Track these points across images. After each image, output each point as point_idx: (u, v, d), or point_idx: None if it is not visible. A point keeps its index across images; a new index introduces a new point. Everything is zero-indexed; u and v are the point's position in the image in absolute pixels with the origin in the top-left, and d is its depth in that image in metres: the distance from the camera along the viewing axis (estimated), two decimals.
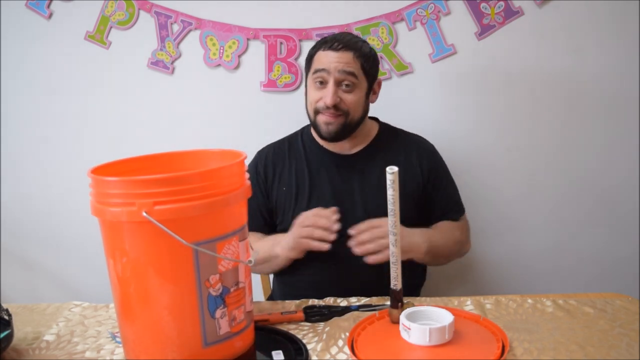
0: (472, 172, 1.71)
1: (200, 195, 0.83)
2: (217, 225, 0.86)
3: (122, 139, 1.78)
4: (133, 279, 0.86)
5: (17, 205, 1.83)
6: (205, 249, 0.84)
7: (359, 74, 1.32)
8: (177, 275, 0.85)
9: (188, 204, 0.82)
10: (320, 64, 1.32)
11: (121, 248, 0.86)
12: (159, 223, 0.80)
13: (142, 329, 0.88)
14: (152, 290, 0.85)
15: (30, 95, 1.77)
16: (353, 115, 1.33)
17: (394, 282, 1.02)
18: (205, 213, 0.84)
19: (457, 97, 1.71)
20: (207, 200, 0.83)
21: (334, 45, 1.31)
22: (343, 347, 0.99)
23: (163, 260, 0.84)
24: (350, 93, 1.32)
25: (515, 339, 1.00)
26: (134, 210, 0.80)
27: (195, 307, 0.85)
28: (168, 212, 0.81)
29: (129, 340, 0.90)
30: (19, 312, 1.16)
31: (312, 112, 1.35)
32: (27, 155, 1.81)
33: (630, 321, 1.06)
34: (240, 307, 0.90)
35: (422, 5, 1.64)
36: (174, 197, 0.81)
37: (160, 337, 0.86)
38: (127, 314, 0.89)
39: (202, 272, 0.85)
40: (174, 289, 0.85)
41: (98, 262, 1.83)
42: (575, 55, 1.66)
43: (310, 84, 1.36)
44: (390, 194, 0.98)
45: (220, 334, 0.88)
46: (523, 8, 1.63)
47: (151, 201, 0.80)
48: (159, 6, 1.68)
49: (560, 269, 1.78)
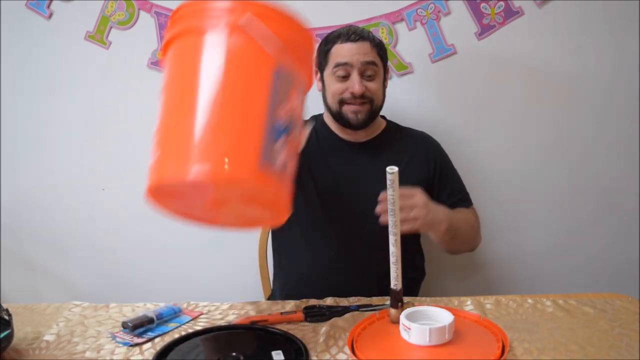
0: (472, 172, 1.71)
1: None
2: (300, 65, 0.93)
3: (122, 139, 1.78)
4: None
5: (17, 205, 1.83)
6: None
7: (378, 62, 1.37)
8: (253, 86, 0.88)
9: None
10: (341, 58, 1.35)
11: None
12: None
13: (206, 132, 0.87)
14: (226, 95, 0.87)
15: (30, 95, 1.77)
16: (377, 102, 1.39)
17: (394, 282, 1.02)
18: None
19: (457, 97, 1.71)
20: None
21: (351, 37, 1.35)
22: (343, 347, 0.99)
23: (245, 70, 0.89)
24: (372, 81, 1.36)
25: (515, 339, 1.00)
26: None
27: (263, 118, 0.86)
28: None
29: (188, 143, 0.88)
30: (19, 312, 1.16)
31: (336, 104, 1.37)
32: (27, 155, 1.81)
33: (630, 321, 1.06)
34: (293, 159, 0.91)
35: (422, 5, 1.64)
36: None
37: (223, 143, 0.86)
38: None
39: (274, 97, 0.87)
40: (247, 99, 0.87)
41: (98, 262, 1.85)
42: (575, 55, 1.66)
43: (331, 78, 1.37)
44: (391, 194, 0.98)
45: (275, 163, 0.87)
46: (523, 8, 1.63)
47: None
48: (159, 6, 1.68)
49: (560, 269, 1.78)
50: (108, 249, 1.84)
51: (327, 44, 1.39)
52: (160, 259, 1.84)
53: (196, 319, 1.13)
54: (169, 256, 1.83)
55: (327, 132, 1.46)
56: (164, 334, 1.07)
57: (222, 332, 1.06)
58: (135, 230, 1.82)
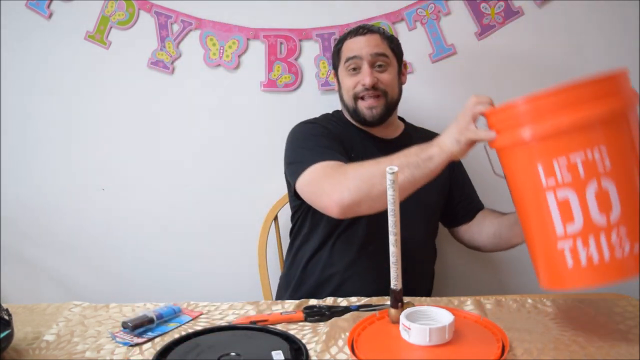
0: (472, 172, 1.71)
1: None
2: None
3: (122, 139, 1.78)
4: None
5: (17, 205, 1.83)
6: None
7: (389, 54, 1.37)
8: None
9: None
10: (350, 52, 1.36)
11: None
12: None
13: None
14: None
15: (30, 95, 1.77)
16: (392, 95, 1.37)
17: (394, 282, 1.02)
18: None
19: (458, 97, 1.70)
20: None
21: (360, 31, 1.37)
22: (343, 347, 0.99)
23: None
24: (384, 72, 1.36)
25: (516, 339, 1.00)
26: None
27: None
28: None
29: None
30: (19, 312, 1.16)
31: (352, 100, 1.37)
32: (27, 155, 1.81)
33: (630, 321, 1.06)
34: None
35: (422, 5, 1.64)
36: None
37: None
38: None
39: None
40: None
41: (98, 262, 1.85)
42: (575, 55, 1.66)
43: (344, 74, 1.38)
44: (391, 194, 0.98)
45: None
46: (523, 8, 1.63)
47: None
48: (159, 6, 1.68)
49: None
50: (108, 249, 1.84)
51: (339, 43, 1.41)
52: (160, 259, 1.84)
53: (196, 319, 1.13)
54: (169, 256, 1.83)
55: (353, 129, 1.42)
56: (164, 334, 1.07)
57: (222, 332, 1.06)
58: (135, 230, 1.82)
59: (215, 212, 1.77)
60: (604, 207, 0.91)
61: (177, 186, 1.79)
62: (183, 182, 1.79)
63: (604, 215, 0.91)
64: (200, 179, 1.78)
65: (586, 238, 0.92)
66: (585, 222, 0.92)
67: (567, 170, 0.91)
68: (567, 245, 0.94)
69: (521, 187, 1.00)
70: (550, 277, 1.00)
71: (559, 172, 0.92)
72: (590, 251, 0.92)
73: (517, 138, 0.95)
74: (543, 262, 1.01)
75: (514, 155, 0.99)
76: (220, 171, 1.75)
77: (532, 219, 0.99)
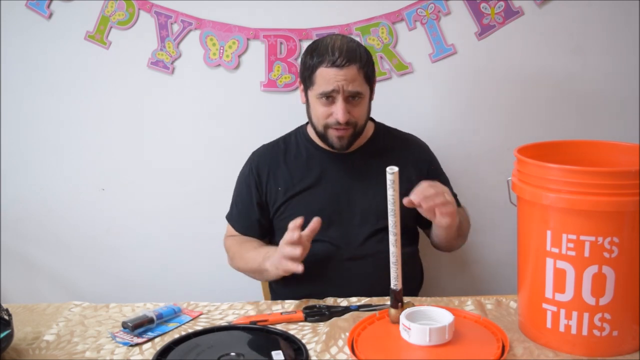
0: (473, 172, 1.71)
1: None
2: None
3: (122, 139, 1.78)
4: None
5: (18, 205, 1.83)
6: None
7: (364, 88, 1.32)
8: None
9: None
10: (327, 85, 1.29)
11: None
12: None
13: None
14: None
15: (30, 95, 1.77)
16: (361, 124, 1.36)
17: (394, 282, 1.02)
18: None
19: (457, 97, 1.71)
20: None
21: (337, 61, 1.27)
22: (343, 347, 0.99)
23: None
24: (357, 106, 1.33)
25: (516, 339, 1.00)
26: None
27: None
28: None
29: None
30: (19, 312, 1.16)
31: (321, 127, 1.35)
32: (27, 156, 1.81)
33: None
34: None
35: (422, 5, 1.64)
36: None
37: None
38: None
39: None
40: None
41: (98, 262, 1.85)
42: (575, 55, 1.66)
43: (315, 100, 1.33)
44: (391, 194, 0.98)
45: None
46: (523, 8, 1.63)
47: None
48: (159, 6, 1.68)
49: None
50: (108, 248, 1.84)
51: (312, 59, 1.32)
52: (160, 259, 1.84)
53: (196, 319, 1.13)
54: (169, 256, 1.83)
55: (310, 145, 1.43)
56: (164, 334, 1.07)
57: (222, 332, 1.06)
58: (135, 230, 1.82)
59: (215, 212, 1.76)
60: (597, 291, 0.92)
61: (177, 186, 1.79)
62: (183, 181, 1.79)
63: (594, 298, 0.92)
64: (200, 178, 1.78)
65: (570, 311, 0.94)
66: (575, 297, 0.93)
67: (574, 246, 0.91)
68: (551, 309, 0.96)
69: (527, 237, 1.00)
70: (528, 327, 1.02)
71: (565, 245, 0.92)
72: (570, 323, 0.94)
73: (538, 198, 0.94)
74: (526, 309, 1.02)
75: (530, 210, 0.98)
76: (220, 171, 1.75)
77: (528, 267, 1.00)
